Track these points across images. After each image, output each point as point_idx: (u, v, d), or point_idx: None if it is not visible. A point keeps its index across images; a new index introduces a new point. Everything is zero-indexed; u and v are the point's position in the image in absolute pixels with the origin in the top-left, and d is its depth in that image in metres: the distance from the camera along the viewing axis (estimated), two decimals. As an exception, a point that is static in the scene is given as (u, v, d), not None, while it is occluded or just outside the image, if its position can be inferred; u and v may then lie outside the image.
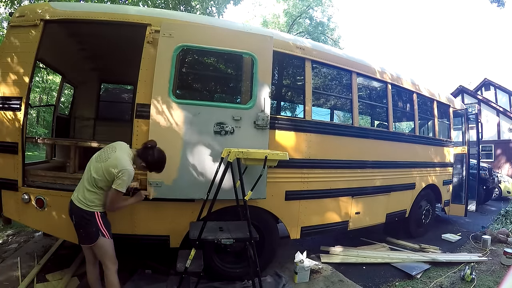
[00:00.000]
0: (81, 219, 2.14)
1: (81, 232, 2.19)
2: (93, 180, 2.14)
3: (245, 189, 2.43)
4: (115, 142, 2.36)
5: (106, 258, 2.22)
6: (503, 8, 6.98)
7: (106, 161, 2.15)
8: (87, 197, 2.14)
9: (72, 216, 2.18)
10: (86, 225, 2.15)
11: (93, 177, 2.14)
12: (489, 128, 16.03)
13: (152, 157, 2.30)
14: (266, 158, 2.38)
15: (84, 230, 2.17)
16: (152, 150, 2.31)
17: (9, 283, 2.75)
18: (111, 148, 2.27)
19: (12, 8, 7.20)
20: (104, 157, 2.19)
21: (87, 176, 2.18)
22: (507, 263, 3.85)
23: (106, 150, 2.26)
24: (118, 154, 2.19)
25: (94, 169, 2.16)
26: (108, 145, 2.34)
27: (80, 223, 2.16)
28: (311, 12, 19.50)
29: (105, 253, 2.22)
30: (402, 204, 4.57)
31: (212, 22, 3.23)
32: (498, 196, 9.74)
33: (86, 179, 2.18)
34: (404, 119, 6.12)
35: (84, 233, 2.18)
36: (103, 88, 5.23)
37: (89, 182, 2.15)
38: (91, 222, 2.14)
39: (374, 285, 3.28)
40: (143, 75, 2.75)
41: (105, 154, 2.21)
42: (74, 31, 3.43)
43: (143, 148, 2.32)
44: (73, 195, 2.22)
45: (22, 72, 2.72)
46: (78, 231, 2.20)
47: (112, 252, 2.26)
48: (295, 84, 4.29)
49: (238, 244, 2.77)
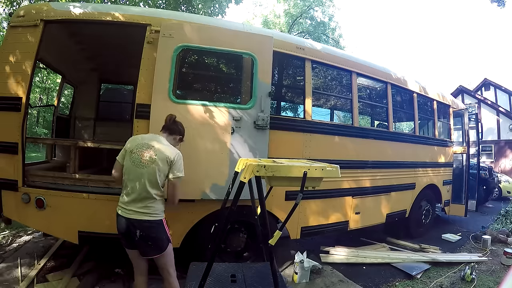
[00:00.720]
0: (150, 231, 1.98)
1: (149, 244, 2.00)
2: (151, 187, 1.98)
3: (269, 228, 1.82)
4: (137, 138, 2.16)
5: (169, 265, 2.10)
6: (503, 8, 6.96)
7: (155, 159, 2.00)
8: (151, 206, 1.99)
9: (135, 232, 1.96)
10: (157, 235, 2.00)
11: (149, 184, 1.98)
12: (489, 128, 16.00)
13: (181, 126, 2.28)
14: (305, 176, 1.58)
15: (154, 241, 2.00)
16: (177, 121, 2.27)
17: (9, 283, 2.74)
18: (146, 146, 2.05)
19: (12, 8, 7.20)
20: (148, 158, 2.01)
21: (141, 186, 1.98)
22: (507, 263, 3.85)
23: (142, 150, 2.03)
24: (160, 145, 2.06)
25: (146, 177, 1.98)
26: (134, 145, 2.09)
27: (148, 236, 1.98)
28: (311, 12, 19.48)
29: (170, 260, 2.11)
30: (402, 204, 4.57)
31: (212, 22, 3.23)
32: (498, 196, 9.72)
33: (140, 189, 1.98)
34: (404, 119, 6.11)
35: (154, 245, 2.01)
36: (103, 88, 5.23)
37: (147, 190, 1.98)
38: (160, 231, 2.02)
39: (374, 285, 3.27)
40: (143, 75, 2.75)
41: (146, 154, 2.02)
42: (74, 31, 3.43)
43: (172, 123, 2.23)
44: (122, 210, 2.01)
45: (22, 72, 2.72)
46: (145, 243, 2.00)
47: (173, 257, 2.14)
48: (295, 84, 4.29)
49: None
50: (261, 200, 1.79)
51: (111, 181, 2.91)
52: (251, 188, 2.06)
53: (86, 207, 2.71)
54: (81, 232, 2.71)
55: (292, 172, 1.63)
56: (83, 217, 2.71)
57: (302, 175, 1.58)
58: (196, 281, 1.64)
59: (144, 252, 2.04)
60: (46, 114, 17.90)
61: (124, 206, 2.02)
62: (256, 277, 1.82)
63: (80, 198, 2.72)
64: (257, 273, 1.88)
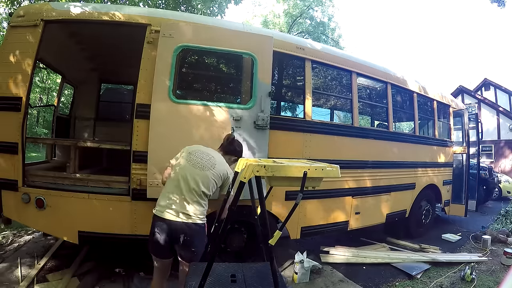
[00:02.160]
0: (195, 235, 1.93)
1: (192, 250, 1.95)
2: (201, 192, 1.96)
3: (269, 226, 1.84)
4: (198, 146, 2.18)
5: None
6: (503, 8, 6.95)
7: (213, 168, 2.01)
8: (198, 209, 1.95)
9: (178, 236, 1.90)
10: (201, 239, 1.98)
11: (201, 188, 1.95)
12: (489, 128, 16.00)
13: (239, 146, 2.30)
14: (305, 176, 1.57)
15: (197, 246, 1.96)
16: (235, 140, 2.30)
17: (9, 283, 2.74)
18: (206, 153, 2.07)
19: (12, 8, 7.19)
20: (208, 164, 2.01)
21: (191, 188, 1.94)
22: (507, 263, 3.85)
23: (200, 156, 2.05)
24: (220, 158, 2.09)
25: (199, 178, 1.96)
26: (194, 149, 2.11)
27: (192, 240, 1.93)
28: (311, 12, 19.48)
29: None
30: (402, 204, 4.57)
31: (212, 22, 3.23)
32: (498, 196, 9.72)
33: (188, 191, 1.94)
34: (404, 119, 6.11)
35: (196, 250, 1.96)
36: (103, 88, 5.23)
37: (197, 194, 1.95)
38: (204, 235, 1.99)
39: (374, 285, 3.27)
40: (143, 75, 2.75)
41: (205, 160, 2.02)
42: (74, 31, 3.43)
43: (230, 142, 2.26)
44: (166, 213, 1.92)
45: (22, 72, 2.72)
46: (188, 249, 1.94)
47: None
48: (295, 84, 4.29)
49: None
50: (261, 200, 1.79)
51: (111, 181, 2.91)
52: (251, 188, 2.06)
53: (86, 207, 2.71)
54: (81, 232, 2.71)
55: (292, 172, 1.62)
56: (83, 217, 2.71)
57: (302, 175, 1.58)
58: (196, 281, 1.63)
59: (185, 257, 1.98)
60: (46, 114, 17.89)
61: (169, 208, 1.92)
62: (256, 277, 1.80)
63: (80, 198, 2.72)
64: (257, 273, 1.85)
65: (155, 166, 2.63)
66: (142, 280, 2.93)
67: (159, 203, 2.00)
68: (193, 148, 2.12)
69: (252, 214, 2.21)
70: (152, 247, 1.98)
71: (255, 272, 1.86)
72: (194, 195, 1.95)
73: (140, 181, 2.68)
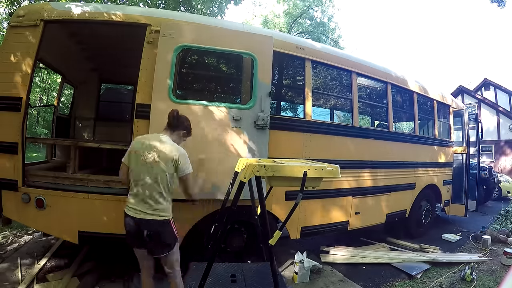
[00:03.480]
0: (157, 230, 2.00)
1: (156, 243, 2.02)
2: (157, 188, 1.99)
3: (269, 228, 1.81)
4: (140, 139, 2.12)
5: (176, 264, 2.11)
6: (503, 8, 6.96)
7: (158, 160, 2.00)
8: (160, 207, 2.01)
9: (142, 231, 1.98)
10: (165, 235, 2.03)
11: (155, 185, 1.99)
12: (489, 128, 15.99)
13: (186, 120, 2.23)
14: (305, 176, 1.57)
15: (162, 241, 2.02)
16: (180, 115, 2.20)
17: (9, 283, 2.74)
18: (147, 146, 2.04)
19: (12, 8, 7.19)
20: (151, 158, 2.00)
21: (147, 187, 1.99)
22: (507, 263, 3.85)
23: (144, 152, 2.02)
24: (162, 146, 2.04)
25: (151, 176, 1.99)
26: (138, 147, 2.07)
27: (157, 236, 2.00)
28: (311, 12, 19.47)
29: (177, 259, 2.12)
30: (402, 204, 4.56)
31: (212, 22, 3.23)
32: (498, 196, 9.72)
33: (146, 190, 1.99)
34: (404, 119, 6.11)
35: (161, 244, 2.03)
36: (103, 88, 5.23)
37: (154, 190, 1.99)
38: (167, 230, 2.04)
39: (374, 285, 3.27)
40: (143, 75, 2.75)
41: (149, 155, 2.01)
42: (74, 31, 3.43)
43: (175, 119, 2.17)
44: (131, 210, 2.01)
45: (22, 72, 2.72)
46: (152, 242, 2.01)
47: (179, 255, 2.16)
48: (295, 84, 4.29)
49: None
50: (261, 200, 1.80)
51: (111, 181, 2.91)
52: (251, 188, 2.06)
53: (86, 207, 2.71)
54: (81, 232, 2.71)
55: (292, 172, 1.62)
56: (83, 217, 2.71)
57: (302, 175, 1.58)
58: (196, 281, 1.64)
59: (152, 251, 2.05)
60: (46, 114, 17.87)
61: (132, 207, 2.02)
62: (256, 277, 1.81)
63: (80, 198, 2.72)
64: (257, 273, 1.88)
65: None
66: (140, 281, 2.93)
67: (127, 201, 2.09)
68: (138, 146, 2.07)
69: (252, 214, 2.22)
70: (127, 238, 2.10)
71: (255, 272, 1.89)
72: (150, 195, 1.99)
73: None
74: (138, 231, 2.00)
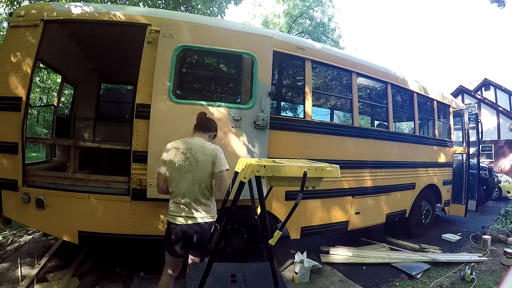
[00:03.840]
0: (206, 233, 2.01)
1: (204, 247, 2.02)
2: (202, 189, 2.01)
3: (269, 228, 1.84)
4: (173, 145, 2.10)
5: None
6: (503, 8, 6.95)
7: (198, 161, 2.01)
8: (205, 209, 2.02)
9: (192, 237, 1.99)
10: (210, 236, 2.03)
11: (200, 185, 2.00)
12: (489, 128, 16.00)
13: (214, 121, 2.27)
14: (305, 176, 1.57)
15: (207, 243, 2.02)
16: (208, 117, 2.26)
17: (9, 283, 2.74)
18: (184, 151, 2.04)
19: (12, 8, 7.19)
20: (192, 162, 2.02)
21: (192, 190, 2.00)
22: (507, 263, 3.85)
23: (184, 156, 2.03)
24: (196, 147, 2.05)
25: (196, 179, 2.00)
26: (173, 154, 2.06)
27: (204, 238, 2.01)
28: (311, 12, 19.48)
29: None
30: (402, 204, 4.56)
31: (212, 22, 3.23)
32: (498, 196, 9.72)
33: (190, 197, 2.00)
34: (404, 119, 6.11)
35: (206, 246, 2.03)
36: (103, 88, 5.23)
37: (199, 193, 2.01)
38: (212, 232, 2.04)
39: (374, 285, 3.27)
40: (143, 75, 2.75)
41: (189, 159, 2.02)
42: (74, 31, 3.43)
43: (203, 120, 2.21)
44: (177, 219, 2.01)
45: (22, 72, 2.72)
46: (200, 246, 2.02)
47: None
48: (295, 84, 4.29)
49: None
50: (261, 200, 1.80)
51: (111, 181, 2.91)
52: (251, 188, 2.06)
53: (86, 207, 2.71)
54: (81, 232, 2.71)
55: (292, 172, 1.62)
56: (83, 217, 2.71)
57: (302, 175, 1.58)
58: (196, 281, 1.63)
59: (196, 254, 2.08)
60: (46, 114, 17.87)
61: (177, 215, 2.02)
62: (256, 277, 1.81)
63: (80, 198, 2.72)
64: (257, 273, 1.86)
65: (155, 166, 2.62)
66: (142, 280, 2.93)
67: (170, 210, 2.09)
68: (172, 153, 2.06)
69: (252, 214, 2.22)
70: (167, 246, 2.09)
71: (255, 272, 1.87)
72: (197, 199, 2.02)
73: (140, 181, 2.68)
74: (186, 237, 2.00)
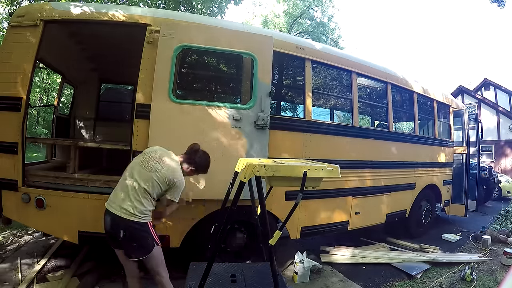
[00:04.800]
0: (134, 231, 1.98)
1: (133, 245, 2.00)
2: (143, 191, 2.00)
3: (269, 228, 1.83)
4: (157, 148, 2.20)
5: (160, 267, 2.11)
6: (503, 8, 6.96)
7: (159, 171, 2.04)
8: (139, 208, 1.98)
9: (119, 231, 1.96)
10: (141, 237, 2.00)
11: (143, 187, 2.00)
12: (489, 128, 15.99)
13: (200, 159, 2.26)
14: (305, 176, 1.57)
15: (138, 243, 2.00)
16: (199, 152, 2.27)
17: (9, 283, 2.74)
18: (158, 156, 2.11)
19: (12, 8, 7.19)
20: (154, 166, 2.05)
21: (134, 186, 2.01)
22: (507, 263, 3.85)
23: (152, 157, 2.10)
24: (170, 164, 2.10)
25: (143, 178, 2.02)
26: (149, 150, 2.17)
27: (132, 237, 1.98)
28: (311, 12, 19.48)
29: (159, 262, 2.11)
30: (402, 204, 4.56)
31: (212, 22, 3.23)
32: (498, 196, 9.72)
33: (132, 189, 2.00)
34: (404, 119, 6.11)
35: (137, 246, 2.00)
36: (103, 88, 5.23)
37: (139, 192, 2.00)
38: (146, 233, 2.01)
39: (374, 285, 3.27)
40: (143, 75, 2.75)
41: (154, 162, 2.07)
42: (74, 31, 3.43)
43: (191, 152, 2.25)
44: (111, 206, 2.01)
45: (22, 72, 2.71)
46: (129, 244, 2.00)
47: (163, 259, 2.15)
48: (295, 84, 4.29)
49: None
50: (261, 200, 1.80)
51: (111, 181, 2.90)
52: (251, 188, 2.07)
53: (86, 207, 2.70)
54: (81, 232, 2.71)
55: (292, 172, 1.62)
56: (83, 217, 2.71)
57: (302, 175, 1.57)
58: (196, 281, 1.64)
59: (127, 253, 2.04)
60: (46, 114, 17.88)
61: (114, 202, 2.02)
62: (256, 277, 1.81)
63: (80, 198, 2.72)
64: (257, 273, 1.87)
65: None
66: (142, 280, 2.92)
67: (110, 196, 2.09)
68: (149, 150, 2.18)
69: (252, 214, 2.22)
70: (106, 237, 2.10)
71: (255, 272, 1.89)
72: (137, 193, 2.00)
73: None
74: (114, 229, 1.99)
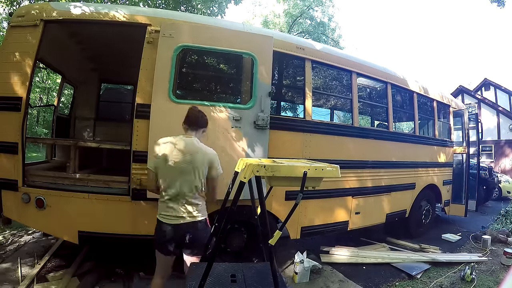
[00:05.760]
0: (198, 231, 1.98)
1: (199, 245, 1.99)
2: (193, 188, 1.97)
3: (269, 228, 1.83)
4: (169, 142, 2.03)
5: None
6: (503, 8, 6.96)
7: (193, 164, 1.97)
8: (195, 208, 1.98)
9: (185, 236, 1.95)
10: (204, 235, 2.00)
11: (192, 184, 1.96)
12: (489, 128, 16.00)
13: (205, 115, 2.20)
14: (305, 176, 1.56)
15: (202, 240, 1.99)
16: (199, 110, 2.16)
17: (9, 283, 2.74)
18: (179, 149, 1.99)
19: (12, 8, 7.20)
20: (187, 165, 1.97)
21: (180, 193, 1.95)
22: (507, 263, 3.85)
23: (179, 154, 1.98)
24: (192, 147, 2.00)
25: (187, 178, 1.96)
26: (168, 151, 2.00)
27: (196, 238, 1.97)
28: (311, 12, 19.49)
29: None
30: (402, 204, 4.57)
31: (212, 22, 3.23)
32: (498, 196, 9.72)
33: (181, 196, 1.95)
34: (404, 119, 6.11)
35: (199, 245, 2.00)
36: (103, 88, 5.23)
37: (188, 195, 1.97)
38: (207, 230, 2.02)
39: (374, 285, 3.27)
40: (143, 75, 2.75)
41: (183, 161, 1.97)
42: (74, 31, 3.43)
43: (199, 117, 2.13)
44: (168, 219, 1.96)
45: (22, 72, 2.72)
46: (195, 246, 1.99)
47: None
48: (295, 84, 4.29)
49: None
50: (261, 200, 1.80)
51: (111, 181, 2.91)
52: (251, 188, 2.06)
53: (86, 207, 2.71)
54: (81, 232, 2.71)
55: (292, 172, 1.61)
56: (83, 217, 2.71)
57: (302, 175, 1.57)
58: (196, 281, 1.63)
59: (193, 253, 2.04)
60: (46, 114, 17.88)
61: (167, 214, 1.97)
62: (256, 277, 1.80)
63: (80, 198, 2.72)
64: (257, 273, 1.85)
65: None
66: (142, 280, 2.93)
67: (159, 210, 2.04)
68: (167, 149, 2.00)
69: (252, 214, 2.21)
70: (157, 244, 2.04)
71: (255, 272, 1.86)
72: (187, 197, 1.98)
73: (140, 181, 2.68)
74: (177, 237, 1.96)
